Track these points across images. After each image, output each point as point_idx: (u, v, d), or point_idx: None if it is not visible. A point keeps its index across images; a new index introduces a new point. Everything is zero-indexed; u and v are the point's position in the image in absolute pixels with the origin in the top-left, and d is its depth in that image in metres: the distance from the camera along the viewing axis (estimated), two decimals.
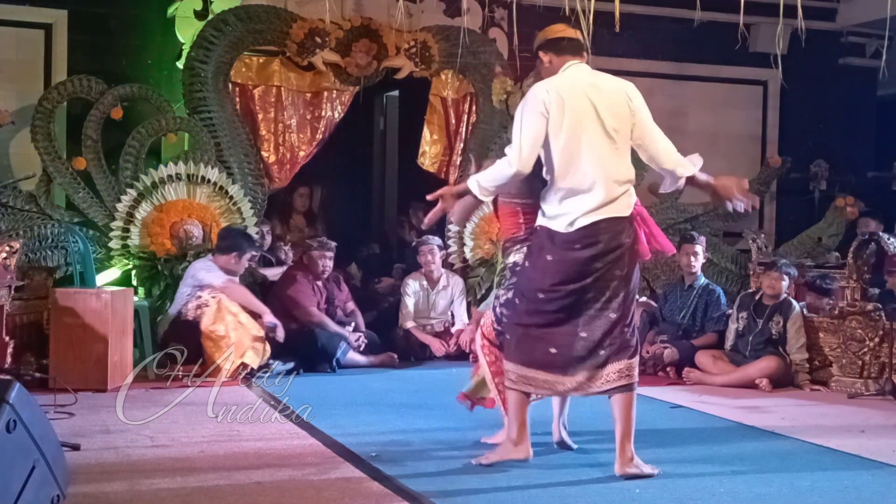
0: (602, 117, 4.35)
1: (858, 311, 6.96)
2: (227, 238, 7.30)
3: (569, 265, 4.38)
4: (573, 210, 4.35)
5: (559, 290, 4.40)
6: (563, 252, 4.38)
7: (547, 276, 4.42)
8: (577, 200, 4.35)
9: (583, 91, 4.37)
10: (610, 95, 4.40)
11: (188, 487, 4.10)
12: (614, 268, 4.39)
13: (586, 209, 4.34)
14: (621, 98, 4.43)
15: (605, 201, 4.34)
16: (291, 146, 8.42)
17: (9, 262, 6.45)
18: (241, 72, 8.22)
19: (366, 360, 7.68)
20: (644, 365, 7.53)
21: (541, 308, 4.45)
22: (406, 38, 8.36)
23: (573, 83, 4.40)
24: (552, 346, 4.44)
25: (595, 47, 6.35)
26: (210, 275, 7.09)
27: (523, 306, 4.50)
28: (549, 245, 4.42)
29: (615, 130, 4.37)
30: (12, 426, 3.13)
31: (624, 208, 4.40)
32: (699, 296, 7.75)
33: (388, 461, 4.59)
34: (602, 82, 4.44)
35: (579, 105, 4.34)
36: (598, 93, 4.38)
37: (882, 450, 5.02)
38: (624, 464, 4.41)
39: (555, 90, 4.35)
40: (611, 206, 4.36)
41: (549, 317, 4.44)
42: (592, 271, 4.37)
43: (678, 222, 9.31)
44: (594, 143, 4.34)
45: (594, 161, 4.33)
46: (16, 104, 7.96)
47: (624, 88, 4.47)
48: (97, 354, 6.42)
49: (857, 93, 10.52)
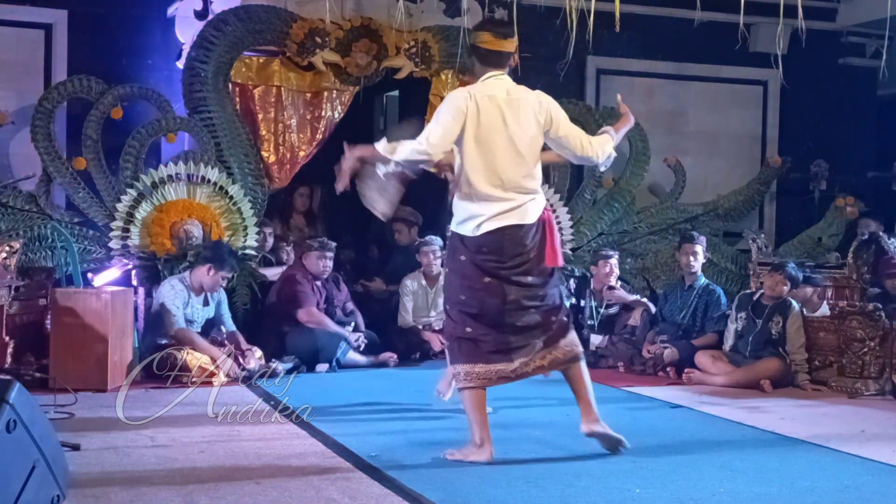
0: (511, 131, 4.64)
1: (858, 311, 6.95)
2: (210, 249, 7.22)
3: (480, 267, 4.68)
4: (479, 215, 4.65)
5: (477, 290, 4.69)
6: (472, 255, 4.69)
7: (465, 279, 4.73)
8: (483, 206, 4.65)
9: (497, 104, 4.65)
10: (522, 110, 4.68)
11: (188, 487, 4.10)
12: (526, 269, 4.68)
13: (491, 214, 4.64)
14: (532, 113, 4.70)
15: (508, 208, 4.65)
16: (291, 146, 8.42)
17: (9, 262, 6.45)
18: (241, 72, 8.22)
19: (366, 360, 7.68)
20: (644, 365, 7.57)
21: (466, 311, 4.72)
22: (406, 38, 8.35)
23: (490, 95, 4.67)
24: (487, 341, 4.70)
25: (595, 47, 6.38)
26: (170, 306, 6.89)
27: (454, 312, 4.77)
28: (461, 248, 4.74)
29: (524, 143, 4.67)
30: (12, 426, 3.13)
31: (529, 215, 4.69)
32: (699, 296, 7.75)
33: (388, 461, 4.60)
34: (517, 97, 4.71)
35: (492, 117, 4.63)
36: (511, 108, 4.66)
37: (882, 450, 5.02)
38: (590, 423, 4.75)
39: (473, 99, 4.63)
40: (514, 213, 4.66)
41: (475, 318, 4.70)
42: (503, 272, 4.67)
43: (678, 222, 9.31)
44: (501, 154, 4.64)
45: (500, 170, 4.64)
46: (16, 104, 7.97)
47: (536, 102, 4.74)
48: (97, 354, 6.43)
49: (857, 93, 10.53)
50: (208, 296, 7.17)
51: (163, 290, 7.02)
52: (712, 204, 9.56)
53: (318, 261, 7.65)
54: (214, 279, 7.04)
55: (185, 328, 6.91)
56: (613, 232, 9.15)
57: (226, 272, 7.08)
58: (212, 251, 7.16)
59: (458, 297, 4.75)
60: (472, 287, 4.71)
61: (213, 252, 7.13)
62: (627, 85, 9.81)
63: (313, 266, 7.66)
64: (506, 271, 4.67)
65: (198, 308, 7.11)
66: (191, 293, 7.06)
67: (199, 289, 7.10)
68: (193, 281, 7.07)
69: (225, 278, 7.13)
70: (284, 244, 8.58)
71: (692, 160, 9.70)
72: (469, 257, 4.70)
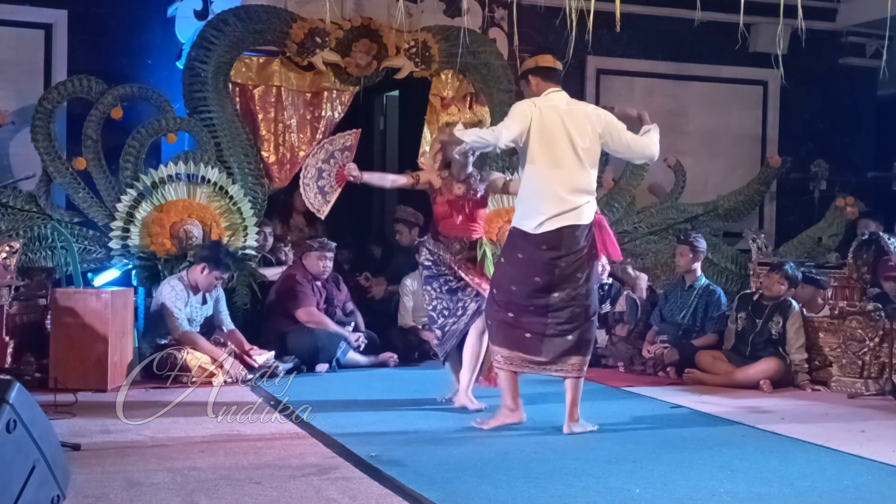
0: (572, 138, 5.14)
1: (858, 311, 6.95)
2: (207, 249, 7.21)
3: (536, 263, 5.18)
4: (540, 214, 5.14)
5: (528, 284, 5.20)
6: (531, 251, 5.18)
7: (519, 272, 5.24)
8: (545, 206, 5.14)
9: (559, 114, 5.18)
10: (580, 121, 5.20)
11: (188, 487, 4.10)
12: (576, 269, 5.18)
13: (551, 214, 5.12)
14: (589, 123, 5.22)
15: (568, 209, 5.13)
16: (291, 146, 8.42)
17: (9, 262, 6.45)
18: (241, 72, 8.22)
19: (366, 360, 7.68)
20: (644, 365, 7.57)
21: (513, 299, 5.26)
22: (406, 38, 8.35)
23: (552, 106, 5.20)
24: (526, 331, 5.26)
25: (595, 47, 6.38)
26: (172, 308, 6.90)
27: (501, 297, 5.31)
28: (520, 244, 5.23)
29: (583, 150, 5.17)
30: (12, 426, 3.12)
31: (585, 217, 5.19)
32: (699, 296, 7.75)
33: (388, 461, 4.60)
34: (575, 109, 5.27)
35: (554, 125, 5.15)
36: (570, 117, 5.19)
37: (882, 450, 5.02)
38: (571, 424, 5.30)
39: (538, 107, 5.18)
40: (573, 214, 5.14)
41: (521, 306, 5.24)
42: (556, 270, 5.16)
43: (678, 222, 9.31)
44: (563, 159, 5.14)
45: (561, 173, 5.13)
46: (16, 104, 7.97)
47: (592, 115, 5.28)
48: (97, 354, 6.43)
49: (857, 93, 10.53)
50: (206, 295, 7.17)
51: (163, 291, 7.02)
52: (712, 204, 9.56)
53: (317, 261, 7.65)
54: (209, 279, 7.04)
55: (188, 331, 6.91)
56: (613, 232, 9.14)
57: (220, 272, 7.06)
58: (208, 251, 7.16)
59: (509, 286, 5.28)
60: (523, 282, 5.22)
61: (210, 252, 7.13)
62: (627, 85, 9.83)
63: (313, 266, 7.66)
64: (560, 268, 5.15)
65: (197, 307, 7.11)
66: (189, 292, 7.06)
67: (196, 287, 7.11)
68: (191, 280, 7.08)
69: (219, 279, 7.12)
70: (282, 244, 8.57)
71: (692, 160, 9.70)
72: (527, 254, 5.20)
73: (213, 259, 7.03)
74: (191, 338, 6.87)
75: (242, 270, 7.76)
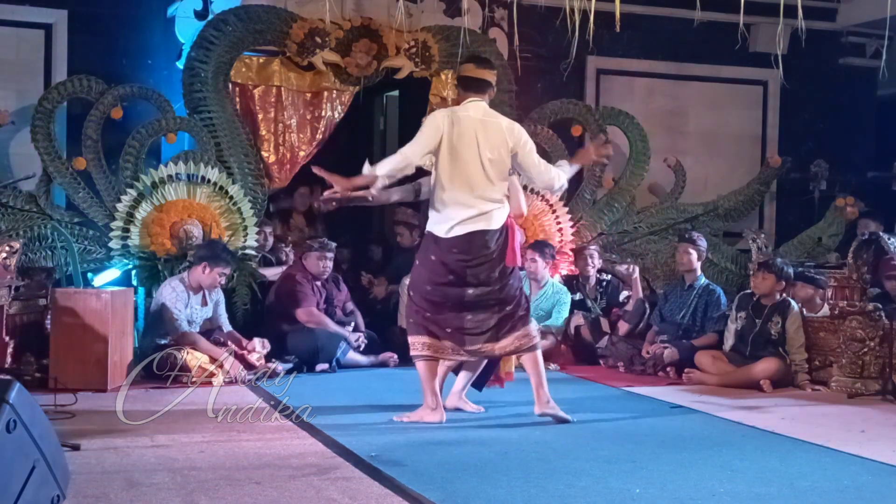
0: (480, 148, 5.34)
1: (858, 311, 6.95)
2: (203, 248, 7.22)
3: (447, 265, 5.39)
4: (450, 219, 5.35)
5: (442, 284, 5.42)
6: (443, 254, 5.39)
7: (433, 273, 5.44)
8: (454, 211, 5.35)
9: (472, 125, 5.36)
10: (493, 133, 5.39)
11: (188, 487, 4.10)
12: (488, 270, 5.39)
13: (460, 219, 5.34)
14: (501, 135, 5.40)
15: (476, 214, 5.34)
16: (291, 146, 8.42)
17: (9, 262, 6.45)
18: (241, 72, 8.22)
19: (366, 360, 7.68)
20: (644, 365, 7.57)
21: (429, 298, 5.47)
22: (406, 38, 8.35)
23: (467, 116, 5.39)
24: (446, 327, 5.47)
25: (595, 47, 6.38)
26: (172, 309, 6.91)
27: (417, 297, 5.53)
28: (433, 247, 5.44)
29: (489, 160, 5.36)
30: (12, 426, 3.13)
31: (495, 222, 5.38)
32: (699, 296, 7.75)
33: (388, 461, 4.60)
34: (490, 121, 5.44)
35: (466, 135, 5.34)
36: (483, 129, 5.37)
37: (882, 450, 5.02)
38: (542, 406, 5.50)
39: (450, 118, 5.38)
40: (482, 219, 5.35)
41: (437, 305, 5.46)
42: (467, 271, 5.38)
43: (678, 222, 9.30)
44: (470, 168, 5.34)
45: (469, 182, 5.33)
46: (16, 104, 7.97)
47: (506, 129, 5.45)
48: (97, 354, 6.43)
49: (857, 93, 10.52)
50: (206, 296, 7.17)
51: (163, 292, 7.02)
52: (712, 204, 9.56)
53: (317, 261, 7.65)
54: (211, 277, 7.05)
55: (189, 332, 6.92)
56: (613, 232, 9.15)
57: (221, 268, 7.07)
58: (205, 249, 7.17)
59: (424, 287, 5.49)
60: (437, 282, 5.43)
61: (207, 250, 7.15)
62: (627, 85, 9.83)
63: (313, 266, 7.66)
64: (471, 270, 5.37)
65: (197, 308, 7.11)
66: (190, 293, 7.06)
67: (198, 288, 7.11)
68: (192, 281, 7.08)
69: (222, 274, 7.12)
70: (283, 244, 8.58)
71: (692, 160, 9.70)
72: (439, 256, 5.40)
73: (211, 256, 7.04)
74: (191, 338, 6.88)
75: (242, 270, 7.76)
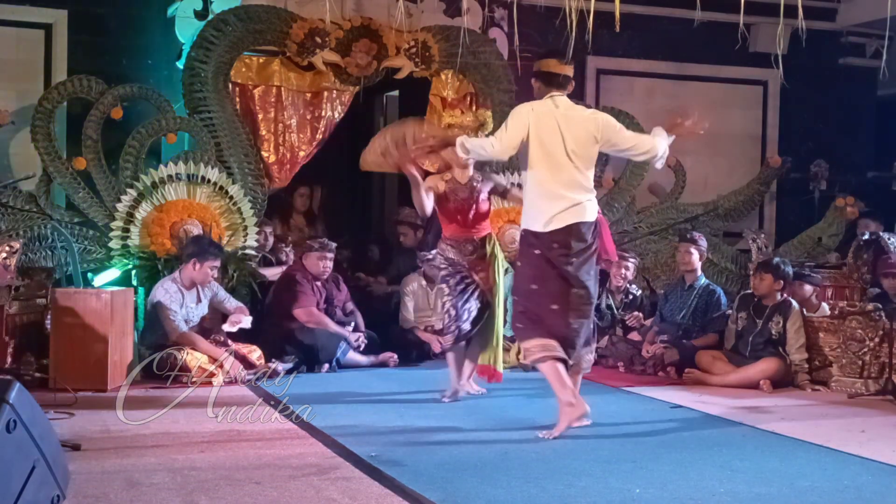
0: (565, 141, 5.30)
1: (858, 311, 6.95)
2: (189, 246, 7.22)
3: (551, 261, 5.28)
4: (546, 213, 5.29)
5: (548, 281, 5.29)
6: (545, 250, 5.29)
7: (536, 270, 5.32)
8: (549, 205, 5.29)
9: (555, 118, 5.33)
10: (576, 125, 5.36)
11: (188, 487, 4.10)
12: (588, 267, 5.33)
13: (557, 211, 5.27)
14: (584, 128, 5.37)
15: (570, 205, 5.28)
16: (291, 146, 8.42)
17: (9, 262, 6.45)
18: (241, 72, 8.22)
19: (366, 360, 7.68)
20: (644, 365, 7.57)
21: (536, 297, 5.32)
22: (406, 38, 8.35)
23: (550, 111, 5.37)
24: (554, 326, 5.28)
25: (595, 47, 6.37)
26: (168, 311, 6.90)
27: (523, 300, 5.37)
28: (535, 242, 5.34)
29: (573, 153, 5.32)
30: (12, 426, 3.13)
31: (588, 214, 5.33)
32: (699, 296, 7.74)
33: (388, 461, 4.60)
34: (573, 114, 5.41)
35: (551, 129, 5.31)
36: (566, 121, 5.34)
37: (882, 450, 5.02)
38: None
39: (534, 112, 5.35)
40: (576, 210, 5.29)
41: (543, 304, 5.30)
42: (569, 266, 5.27)
43: (678, 222, 9.31)
44: (560, 160, 5.30)
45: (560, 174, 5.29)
46: (16, 104, 7.97)
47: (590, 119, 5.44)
48: (97, 354, 6.42)
49: (857, 93, 10.53)
50: (200, 293, 7.16)
51: (157, 294, 7.01)
52: (712, 204, 9.56)
53: (318, 261, 7.64)
54: (203, 272, 7.05)
55: (187, 332, 6.91)
56: (614, 232, 9.14)
57: (211, 262, 7.06)
58: (192, 246, 7.18)
59: (529, 286, 5.35)
60: (544, 278, 5.31)
61: (193, 247, 7.16)
62: (627, 85, 9.84)
63: (313, 266, 7.66)
64: (571, 266, 5.27)
65: (192, 307, 7.11)
66: (184, 292, 7.06)
67: (191, 285, 7.10)
68: (184, 279, 7.08)
69: (213, 268, 7.11)
70: (283, 245, 8.57)
71: (692, 160, 9.69)
72: (542, 252, 5.30)
73: (199, 252, 7.05)
74: (190, 338, 6.88)
75: (242, 270, 7.76)
